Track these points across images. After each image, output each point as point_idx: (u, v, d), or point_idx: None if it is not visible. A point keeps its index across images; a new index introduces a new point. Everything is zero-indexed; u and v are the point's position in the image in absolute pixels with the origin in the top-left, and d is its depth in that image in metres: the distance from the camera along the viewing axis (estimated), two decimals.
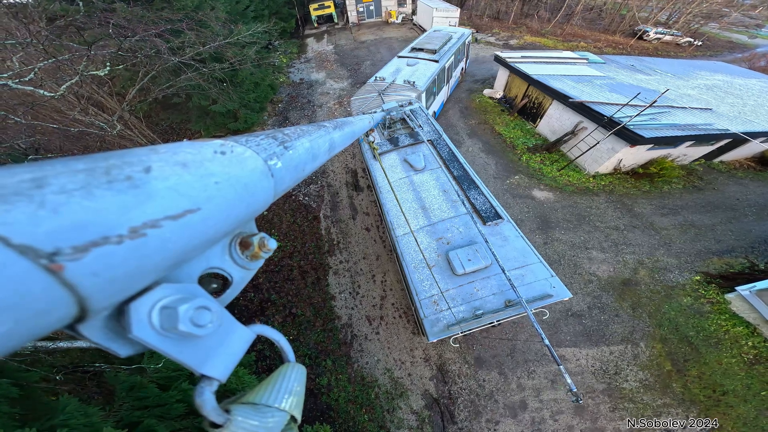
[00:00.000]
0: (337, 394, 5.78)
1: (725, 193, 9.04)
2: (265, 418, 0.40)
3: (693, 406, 5.32)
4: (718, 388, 5.44)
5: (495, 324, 3.76)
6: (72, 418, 2.48)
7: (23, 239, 0.20)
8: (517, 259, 3.96)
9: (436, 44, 10.43)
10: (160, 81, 8.40)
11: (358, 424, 5.51)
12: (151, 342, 0.32)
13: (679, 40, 25.13)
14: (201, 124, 11.15)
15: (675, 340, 5.95)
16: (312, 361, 6.17)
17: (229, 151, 0.43)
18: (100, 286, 0.24)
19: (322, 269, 7.46)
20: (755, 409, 5.23)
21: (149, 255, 0.28)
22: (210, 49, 8.13)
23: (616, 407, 5.30)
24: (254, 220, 0.53)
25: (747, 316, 6.05)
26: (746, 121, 8.56)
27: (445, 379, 5.73)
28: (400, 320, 6.45)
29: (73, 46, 5.88)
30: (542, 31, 23.54)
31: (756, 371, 5.53)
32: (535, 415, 5.29)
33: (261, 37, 10.17)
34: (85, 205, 0.24)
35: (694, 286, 6.69)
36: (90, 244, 0.23)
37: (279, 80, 14.56)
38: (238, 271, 0.48)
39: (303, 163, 0.65)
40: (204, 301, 0.36)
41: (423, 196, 4.93)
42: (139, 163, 0.30)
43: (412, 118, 5.80)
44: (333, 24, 23.25)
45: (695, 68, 13.58)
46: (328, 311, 6.77)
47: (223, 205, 0.37)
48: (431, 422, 5.41)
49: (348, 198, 9.06)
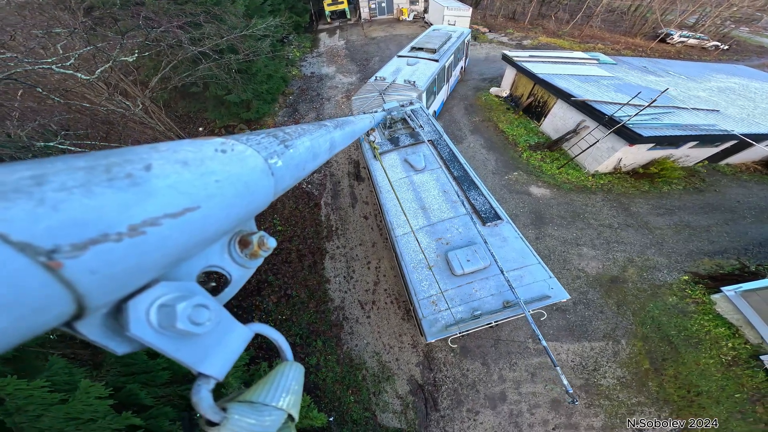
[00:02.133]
0: (324, 374, 5.93)
1: (726, 195, 8.90)
2: (262, 416, 0.40)
3: (666, 406, 5.33)
4: (693, 388, 5.45)
5: (493, 325, 3.77)
6: (56, 375, 2.55)
7: (22, 236, 0.20)
8: (516, 260, 3.96)
9: (436, 43, 10.43)
10: (180, 70, 9.03)
11: (343, 405, 5.64)
12: (148, 340, 0.32)
13: (705, 43, 24.17)
14: (216, 113, 11.78)
15: (656, 339, 5.98)
16: (303, 340, 6.36)
17: (229, 150, 0.43)
18: (99, 283, 0.24)
19: (319, 253, 7.75)
20: (726, 411, 5.23)
21: (148, 253, 0.28)
22: (226, 41, 8.70)
23: (591, 404, 5.35)
24: (254, 218, 0.53)
25: (730, 317, 6.04)
26: (753, 124, 8.40)
27: (431, 366, 5.86)
28: (392, 306, 6.61)
29: (109, 35, 6.53)
30: (559, 33, 23.16)
31: (732, 373, 5.52)
32: (513, 407, 5.38)
33: (275, 30, 10.67)
34: (84, 202, 0.24)
35: (681, 286, 6.71)
36: (89, 242, 0.23)
37: (291, 73, 15.12)
38: (237, 270, 0.48)
39: (304, 162, 0.65)
40: (202, 299, 0.36)
41: (423, 196, 4.95)
42: (140, 161, 0.31)
43: (413, 118, 5.83)
44: (346, 20, 23.65)
45: (712, 71, 13.19)
46: (322, 294, 7.01)
47: (223, 204, 0.37)
48: (415, 408, 5.50)
49: (349, 187, 9.43)
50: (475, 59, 17.20)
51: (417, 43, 10.74)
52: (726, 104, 9.60)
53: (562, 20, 26.77)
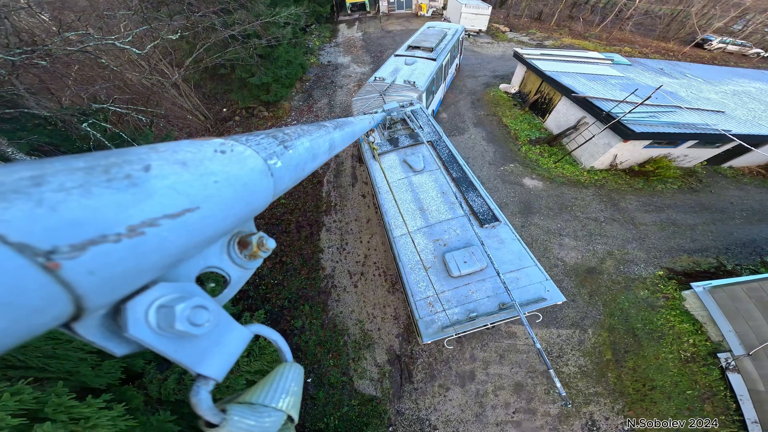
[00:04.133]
0: (308, 336, 6.16)
1: (721, 196, 8.79)
2: (261, 417, 0.40)
3: (621, 398, 5.37)
4: (649, 382, 5.48)
5: (489, 326, 3.77)
6: None
7: (20, 237, 0.20)
8: (513, 262, 3.96)
9: (432, 42, 10.35)
10: (212, 52, 10.12)
11: (322, 367, 5.85)
12: (147, 341, 0.32)
13: (746, 50, 22.73)
14: (239, 95, 12.83)
15: (621, 331, 6.04)
16: (291, 304, 6.69)
17: (229, 150, 0.43)
18: (97, 284, 0.24)
19: (316, 225, 8.23)
20: (676, 407, 5.25)
21: (147, 254, 0.28)
22: (253, 26, 9.65)
23: (551, 390, 5.48)
24: (253, 219, 0.53)
25: (697, 314, 6.05)
26: (756, 125, 8.22)
27: (409, 339, 6.06)
28: (379, 278, 6.95)
29: (159, 18, 7.69)
30: (585, 35, 22.61)
31: (688, 369, 5.56)
32: (480, 387, 5.52)
33: (296, 19, 11.51)
34: (83, 203, 0.24)
35: (654, 281, 6.77)
36: (88, 243, 0.23)
37: (310, 61, 16.03)
38: (236, 271, 0.48)
39: (303, 162, 0.65)
40: (201, 301, 0.36)
41: (421, 197, 4.93)
42: (139, 162, 0.31)
43: (413, 119, 5.86)
44: (365, 12, 24.34)
45: (734, 75, 12.69)
46: (314, 262, 7.41)
47: (222, 204, 0.38)
48: (391, 378, 5.66)
49: (351, 168, 10.10)
50: (489, 57, 17.34)
51: (413, 41, 10.72)
52: (735, 106, 9.37)
53: (592, 23, 25.99)
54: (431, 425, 5.28)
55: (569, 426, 5.19)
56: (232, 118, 12.93)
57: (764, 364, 5.03)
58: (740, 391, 5.11)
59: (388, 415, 5.43)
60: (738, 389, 5.14)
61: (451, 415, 5.33)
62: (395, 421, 5.37)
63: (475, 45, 18.86)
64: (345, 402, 5.57)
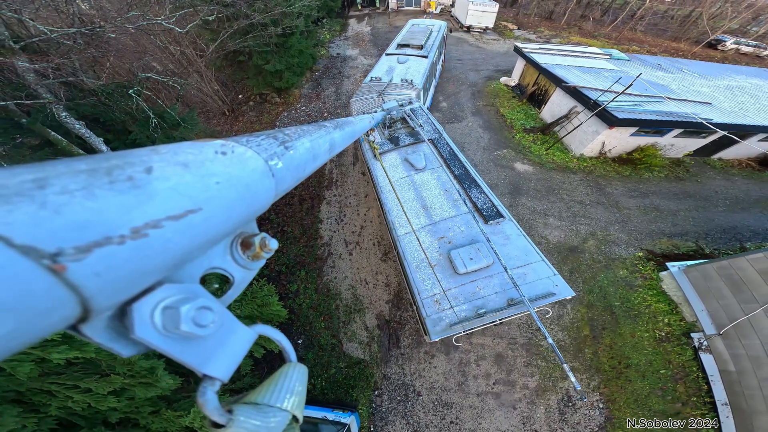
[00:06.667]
0: (302, 300, 6.32)
1: (706, 186, 9.02)
2: (267, 417, 0.41)
3: (597, 375, 5.44)
4: (624, 360, 5.54)
5: (497, 323, 3.76)
6: None
7: (25, 240, 0.20)
8: (519, 258, 3.94)
9: (421, 39, 10.43)
10: (234, 39, 11.05)
11: (314, 329, 6.02)
12: (153, 342, 0.32)
13: (761, 51, 22.40)
14: (254, 81, 13.72)
15: (600, 308, 6.17)
16: (288, 269, 7.00)
17: (230, 152, 0.43)
18: (103, 286, 0.25)
19: (317, 199, 8.75)
20: (650, 386, 5.31)
21: (151, 255, 0.28)
22: (271, 16, 10.53)
23: (530, 363, 5.57)
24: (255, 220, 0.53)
25: (673, 294, 6.18)
26: (740, 116, 8.47)
27: (399, 305, 6.25)
28: (373, 248, 7.34)
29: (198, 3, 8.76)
30: (594, 34, 22.74)
31: (662, 349, 5.65)
32: (463, 356, 5.64)
33: (309, 10, 12.32)
34: (86, 205, 0.24)
35: (634, 261, 6.98)
36: (92, 245, 0.23)
37: (320, 53, 16.87)
38: (240, 272, 0.49)
39: (304, 162, 0.66)
40: (206, 302, 0.37)
41: (424, 195, 4.93)
42: (141, 164, 0.31)
43: (413, 117, 5.91)
44: (375, 8, 25.22)
45: (732, 72, 12.84)
46: (313, 231, 7.88)
47: (224, 205, 0.38)
48: (379, 342, 5.80)
49: (353, 148, 10.78)
50: (493, 53, 17.80)
51: (402, 39, 10.83)
52: (724, 99, 9.59)
53: (604, 22, 26.01)
54: (416, 391, 5.41)
55: (545, 400, 5.31)
56: (246, 104, 13.87)
57: (734, 344, 5.04)
58: (711, 371, 5.15)
59: (375, 378, 5.57)
60: (709, 369, 5.19)
61: (435, 382, 5.49)
62: (381, 385, 5.51)
63: (480, 41, 19.30)
64: (333, 364, 5.76)
